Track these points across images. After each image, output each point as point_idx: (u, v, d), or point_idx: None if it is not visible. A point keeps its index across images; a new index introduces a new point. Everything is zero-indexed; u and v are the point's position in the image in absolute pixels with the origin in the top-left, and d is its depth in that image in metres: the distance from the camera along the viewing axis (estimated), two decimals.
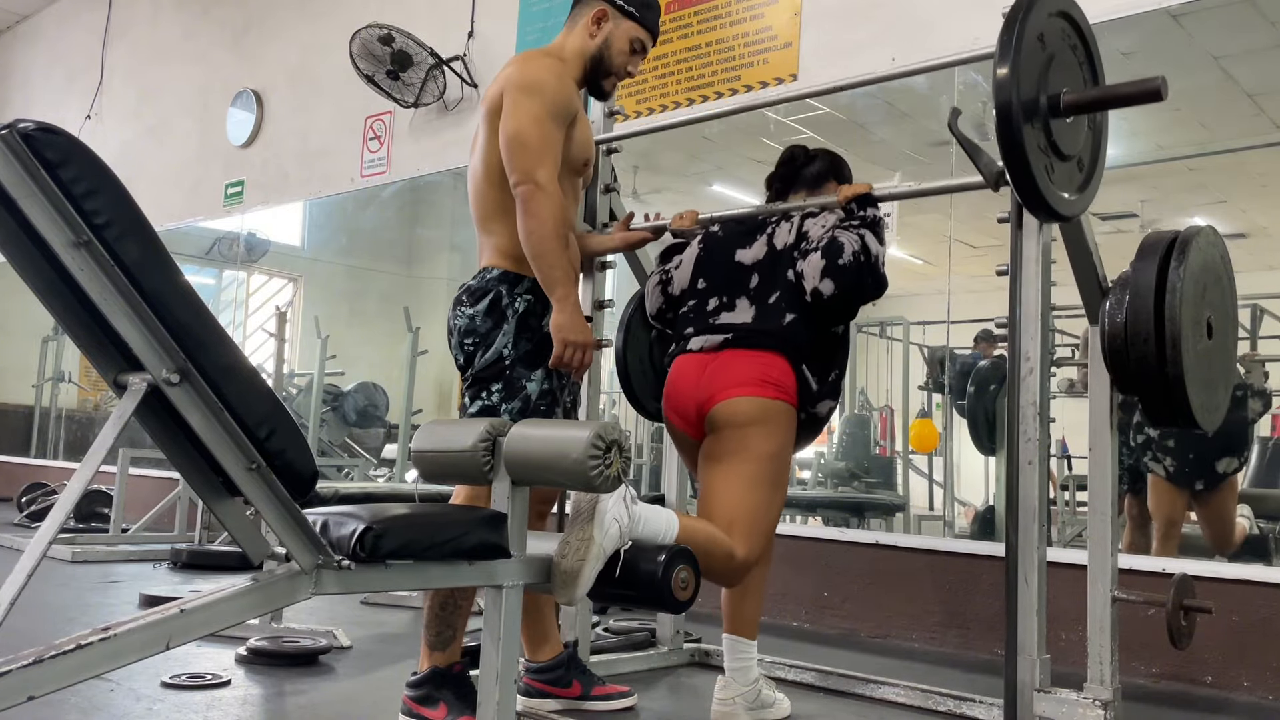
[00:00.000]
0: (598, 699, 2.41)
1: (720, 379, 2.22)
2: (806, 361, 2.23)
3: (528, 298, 2.23)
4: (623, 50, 2.36)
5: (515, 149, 2.15)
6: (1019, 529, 2.06)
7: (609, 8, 2.35)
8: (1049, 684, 2.05)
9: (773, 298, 2.27)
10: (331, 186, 6.19)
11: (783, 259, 2.30)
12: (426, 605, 2.18)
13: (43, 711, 2.10)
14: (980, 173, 2.10)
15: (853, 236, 2.20)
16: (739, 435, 2.17)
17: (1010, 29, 1.86)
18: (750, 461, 2.17)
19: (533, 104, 2.17)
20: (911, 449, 5.14)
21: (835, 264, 2.18)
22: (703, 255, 2.45)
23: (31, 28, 9.12)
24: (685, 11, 4.43)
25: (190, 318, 1.39)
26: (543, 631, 2.44)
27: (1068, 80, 1.97)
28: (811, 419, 2.27)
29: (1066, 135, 1.98)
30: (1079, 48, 2.04)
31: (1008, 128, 1.84)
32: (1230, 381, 2.25)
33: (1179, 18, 3.31)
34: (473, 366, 2.23)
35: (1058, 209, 1.98)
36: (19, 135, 1.26)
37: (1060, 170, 1.98)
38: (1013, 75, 1.83)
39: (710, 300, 2.37)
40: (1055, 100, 1.93)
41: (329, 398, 6.24)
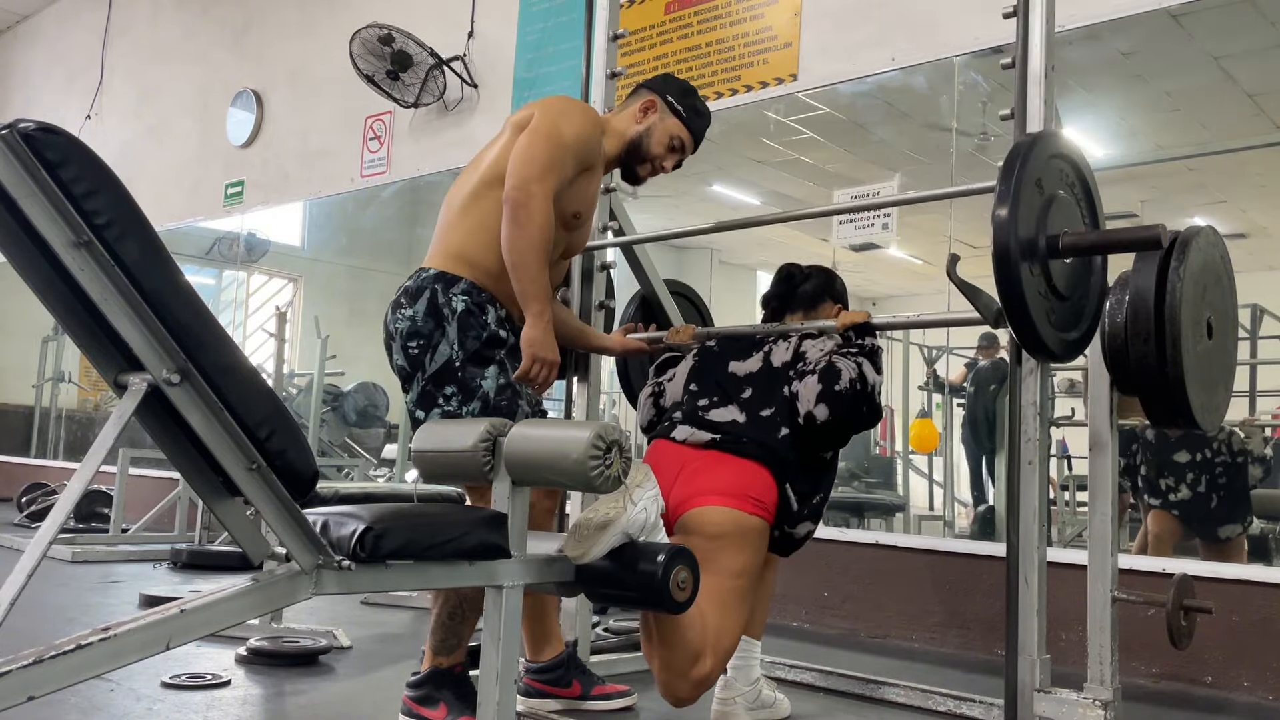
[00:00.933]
0: (597, 699, 2.42)
1: (698, 481, 2.14)
2: (791, 480, 2.16)
3: (463, 298, 2.18)
4: (661, 143, 2.41)
5: (523, 157, 2.14)
6: (1019, 529, 2.06)
7: (660, 101, 2.42)
8: (1049, 684, 2.05)
9: (766, 411, 2.21)
10: (331, 186, 6.19)
11: (779, 376, 2.26)
12: (434, 612, 2.17)
13: (43, 711, 2.10)
14: (979, 313, 2.09)
15: (850, 364, 2.17)
16: (710, 548, 2.06)
17: (1009, 174, 1.85)
18: (719, 576, 2.04)
19: (557, 126, 2.19)
20: (911, 449, 5.14)
21: (831, 390, 2.14)
22: (696, 366, 2.42)
23: (31, 28, 9.12)
24: (685, 11, 4.43)
25: (190, 318, 1.39)
26: (545, 631, 2.43)
27: (1067, 220, 1.97)
28: (786, 538, 2.20)
29: (1065, 276, 1.97)
30: (1077, 186, 2.04)
31: (1006, 271, 1.83)
32: (1230, 382, 2.24)
33: (1179, 18, 3.32)
34: (423, 370, 2.17)
35: (1058, 351, 1.97)
36: (19, 135, 1.26)
37: (1060, 311, 1.97)
38: (1011, 219, 1.82)
39: (700, 400, 2.31)
40: (1054, 242, 1.92)
41: (329, 398, 6.24)
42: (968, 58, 3.69)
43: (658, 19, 4.53)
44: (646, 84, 2.49)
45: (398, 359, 2.22)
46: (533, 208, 2.12)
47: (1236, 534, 3.55)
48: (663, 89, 2.45)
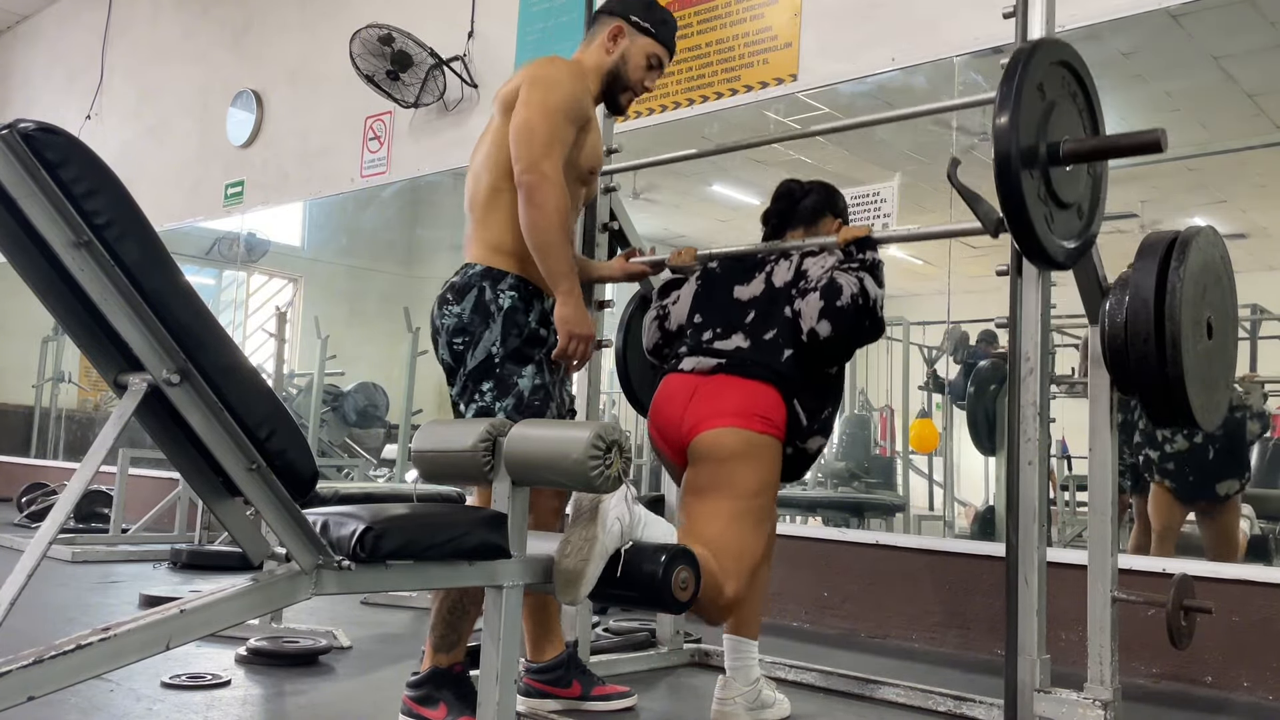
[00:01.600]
0: (597, 699, 2.41)
1: (707, 406, 2.18)
2: (799, 396, 2.19)
3: (511, 294, 2.20)
4: (639, 65, 2.38)
5: (523, 138, 2.14)
6: (1019, 529, 2.06)
7: (625, 24, 2.37)
8: (1049, 684, 2.05)
9: (769, 334, 2.24)
10: (331, 186, 6.19)
11: (780, 296, 2.28)
12: (434, 608, 2.17)
13: (43, 711, 2.10)
14: (980, 220, 2.09)
15: (852, 279, 2.18)
16: (723, 470, 2.12)
17: (1010, 78, 1.85)
18: (735, 498, 2.10)
19: (546, 97, 2.17)
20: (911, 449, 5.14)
21: (833, 305, 2.16)
22: (700, 291, 2.44)
23: (31, 28, 9.12)
24: (685, 11, 4.43)
25: (190, 318, 1.39)
26: (546, 632, 2.43)
27: (1067, 128, 1.97)
28: (800, 454, 2.24)
29: (1066, 183, 1.97)
30: (1079, 95, 2.04)
31: (1007, 176, 1.83)
32: (1230, 381, 2.24)
33: (1179, 18, 3.31)
34: (464, 365, 2.20)
35: (1057, 258, 1.97)
36: (19, 135, 1.26)
37: (1060, 218, 1.97)
38: (1012, 124, 1.82)
39: (705, 331, 2.34)
40: (1055, 149, 1.92)
41: (329, 398, 6.24)
42: (968, 58, 3.69)
43: None
44: (604, 9, 2.42)
45: (443, 354, 2.24)
46: (546, 189, 2.11)
47: (1234, 490, 3.53)
48: (623, 10, 2.39)
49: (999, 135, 1.83)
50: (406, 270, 7.08)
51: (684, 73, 4.36)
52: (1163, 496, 3.62)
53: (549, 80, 2.21)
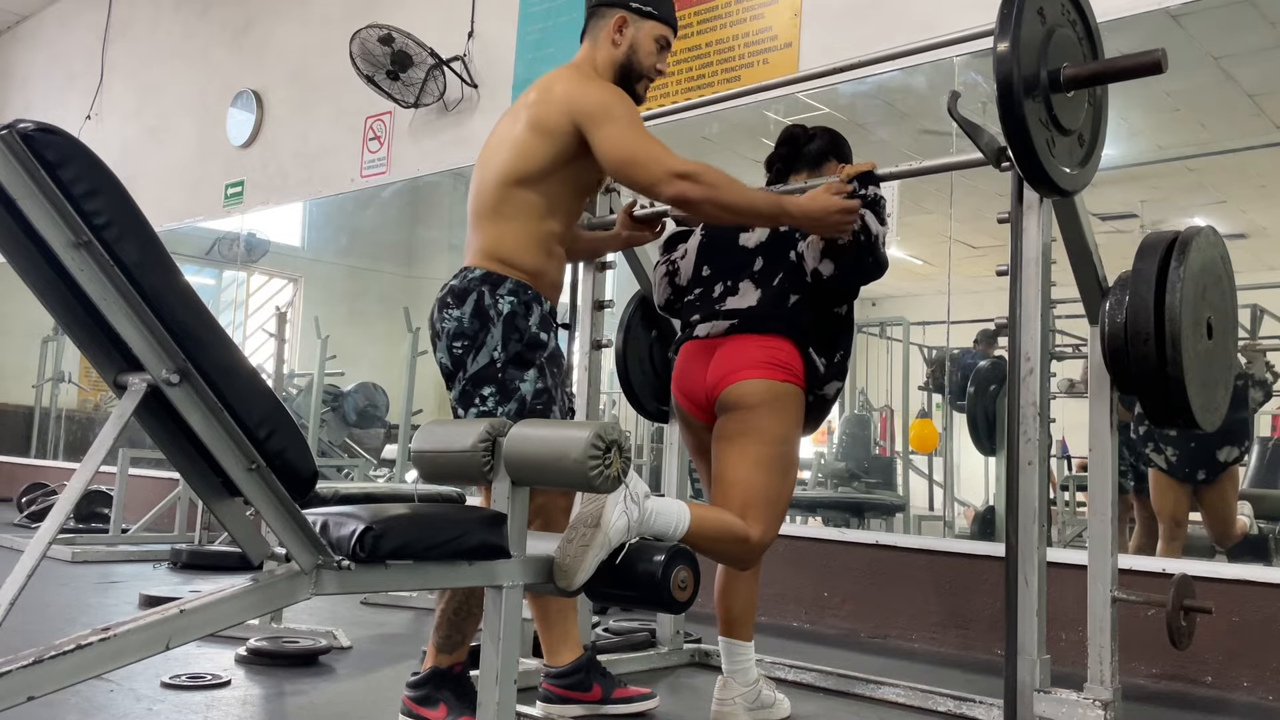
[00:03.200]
0: (619, 702, 2.39)
1: (729, 362, 2.23)
2: (813, 344, 2.23)
3: (510, 299, 2.18)
4: (650, 51, 2.35)
5: (634, 170, 2.10)
6: (1019, 529, 2.06)
7: (626, 13, 2.34)
8: (1049, 684, 2.05)
9: (776, 279, 2.28)
10: (331, 187, 6.19)
11: (785, 240, 2.31)
12: (439, 609, 2.16)
13: (43, 711, 2.10)
14: (981, 151, 2.09)
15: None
16: (749, 416, 2.18)
17: (1010, 2, 1.86)
18: (762, 444, 2.17)
19: (617, 123, 2.14)
20: (911, 449, 5.14)
21: (835, 244, 2.20)
22: (705, 241, 2.45)
23: (31, 28, 9.12)
24: (685, 12, 4.43)
25: (190, 318, 1.39)
26: (563, 635, 2.40)
27: (1068, 55, 1.98)
28: (819, 400, 2.28)
29: (1067, 110, 1.98)
30: (1078, 23, 2.04)
31: (1009, 101, 1.83)
32: (1230, 381, 2.24)
33: (1179, 18, 3.31)
34: (464, 370, 2.18)
35: (1059, 183, 1.98)
36: (19, 135, 1.26)
37: (1061, 145, 1.98)
38: (1013, 49, 1.83)
39: (715, 286, 2.37)
40: (1055, 75, 1.93)
41: (329, 398, 6.24)
42: (968, 58, 3.69)
43: None
44: (602, 1, 2.36)
45: (442, 357, 2.23)
46: (692, 182, 2.06)
47: (1233, 457, 3.52)
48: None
49: (1000, 60, 1.83)
50: (406, 270, 7.08)
51: (684, 73, 4.37)
52: (1163, 481, 3.61)
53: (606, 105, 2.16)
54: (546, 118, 2.19)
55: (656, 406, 3.04)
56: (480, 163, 2.31)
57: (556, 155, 2.18)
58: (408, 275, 7.07)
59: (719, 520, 2.09)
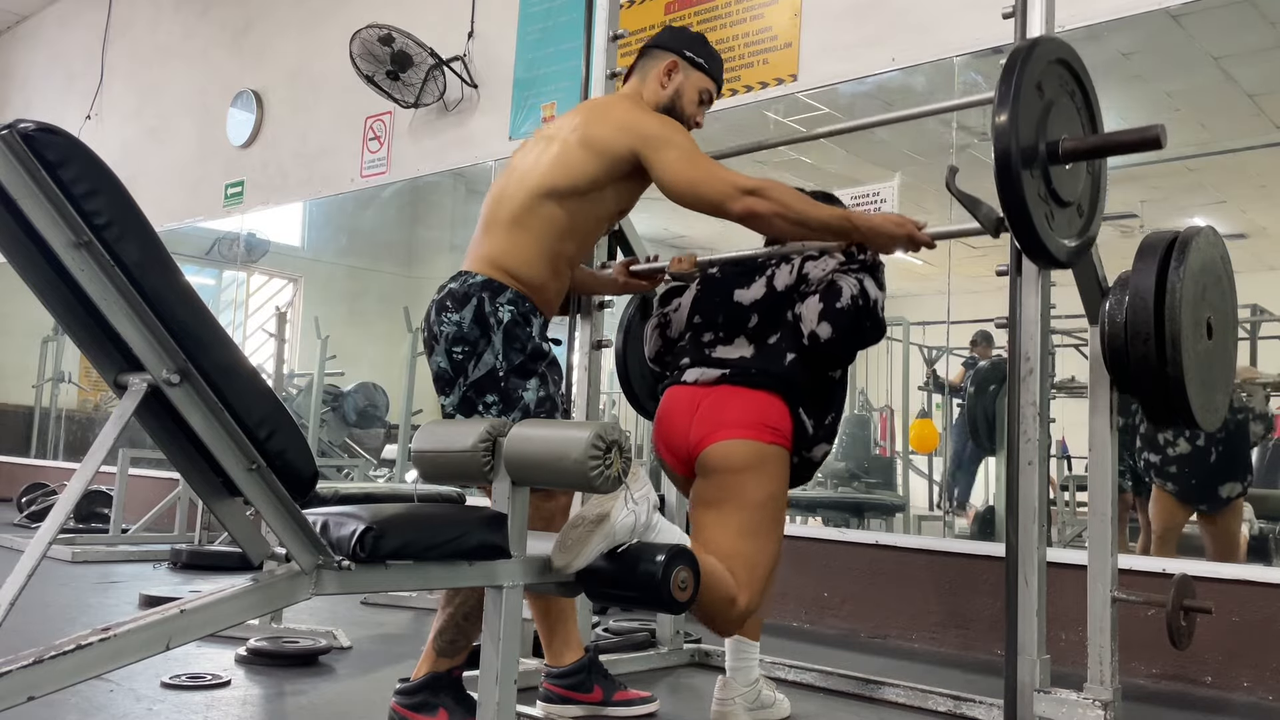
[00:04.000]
0: (619, 704, 2.39)
1: (714, 418, 2.16)
2: (804, 404, 2.18)
3: (509, 308, 2.16)
4: (693, 100, 2.39)
5: (701, 189, 2.11)
6: (1019, 529, 2.06)
7: (679, 59, 2.38)
8: (1049, 684, 2.05)
9: (773, 338, 2.23)
10: (331, 187, 6.19)
11: (783, 300, 2.27)
12: (447, 612, 2.14)
13: (43, 712, 2.10)
14: (979, 223, 2.09)
15: (852, 280, 2.18)
16: (733, 481, 2.10)
17: (1009, 76, 1.85)
18: (745, 509, 2.09)
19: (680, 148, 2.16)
20: (911, 449, 5.14)
21: (833, 307, 2.15)
22: (700, 294, 2.42)
23: (31, 28, 9.12)
24: (685, 12, 4.43)
25: (190, 318, 1.39)
26: (565, 636, 2.40)
27: (1066, 127, 1.97)
28: (805, 463, 2.23)
29: (1066, 182, 1.97)
30: (1077, 94, 2.04)
31: (1007, 175, 1.83)
32: (1230, 382, 2.24)
33: (1179, 18, 3.31)
34: (465, 376, 2.16)
35: (1058, 256, 1.97)
36: (19, 135, 1.26)
37: (1060, 217, 1.97)
38: (1011, 123, 1.82)
39: (705, 334, 2.33)
40: (1054, 147, 1.92)
41: (329, 398, 6.24)
42: (968, 58, 3.69)
43: (658, 19, 4.53)
44: (657, 44, 2.42)
45: (440, 361, 2.20)
46: (758, 198, 2.07)
47: (1237, 493, 3.52)
48: (678, 45, 2.39)
49: (999, 134, 1.82)
50: (406, 270, 7.08)
51: None
52: (1164, 499, 3.62)
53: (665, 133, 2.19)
54: (600, 137, 2.21)
55: (655, 407, 3.04)
56: (505, 172, 2.30)
57: (600, 175, 2.20)
58: (408, 275, 7.07)
59: (717, 571, 1.99)
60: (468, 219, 5.95)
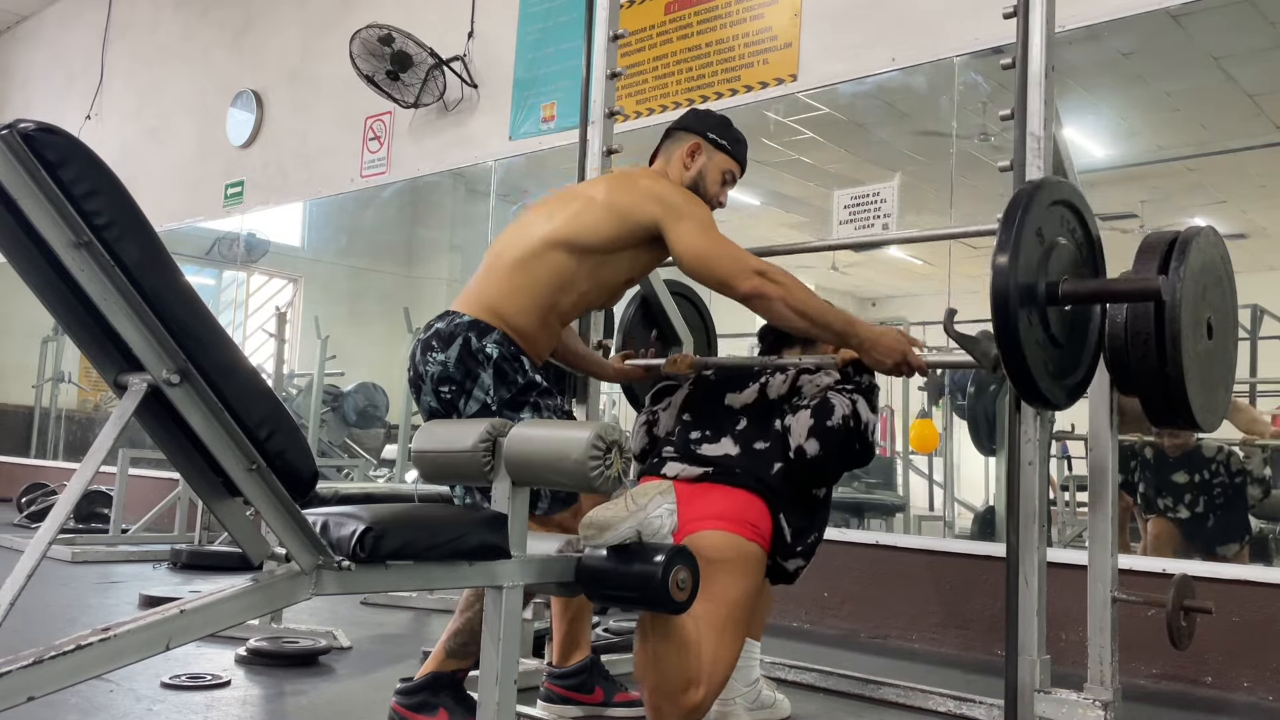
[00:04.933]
0: (620, 705, 2.39)
1: (695, 508, 2.12)
2: (785, 512, 2.15)
3: (496, 345, 2.14)
4: (715, 181, 2.40)
5: (712, 263, 2.13)
6: (1019, 529, 2.06)
7: (703, 141, 2.40)
8: (1049, 684, 2.05)
9: (760, 444, 2.20)
10: (331, 187, 6.19)
11: (774, 408, 2.26)
12: (465, 617, 2.13)
13: (43, 712, 2.10)
14: (977, 361, 2.09)
15: (845, 400, 2.17)
16: (709, 572, 1.99)
17: (1010, 224, 1.84)
18: (716, 603, 2.01)
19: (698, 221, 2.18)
20: (911, 449, 5.14)
21: (823, 425, 2.14)
22: (691, 395, 2.41)
23: (31, 28, 9.12)
24: (685, 12, 4.43)
25: (190, 318, 1.39)
26: (576, 635, 2.40)
27: (1066, 268, 1.96)
28: (778, 570, 2.18)
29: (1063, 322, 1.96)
30: (1078, 231, 2.04)
31: (1004, 320, 1.82)
32: (1231, 382, 2.24)
33: (1179, 18, 3.31)
34: (457, 414, 2.16)
35: (1055, 400, 1.96)
36: (19, 135, 1.26)
37: (1058, 359, 1.97)
38: (1010, 267, 1.81)
39: (692, 431, 2.31)
40: (1054, 289, 1.92)
41: (329, 398, 6.24)
42: (968, 58, 3.69)
43: (658, 19, 4.53)
44: (682, 126, 2.44)
45: (428, 400, 2.20)
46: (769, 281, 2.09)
47: (1234, 553, 3.56)
48: (701, 128, 2.42)
49: (997, 274, 1.81)
50: (406, 270, 7.08)
51: (684, 73, 4.37)
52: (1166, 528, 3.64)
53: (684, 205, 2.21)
54: (623, 201, 2.22)
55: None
56: (517, 224, 2.30)
57: (617, 237, 2.21)
58: (408, 275, 7.07)
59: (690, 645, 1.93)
60: (468, 219, 5.95)
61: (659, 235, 2.20)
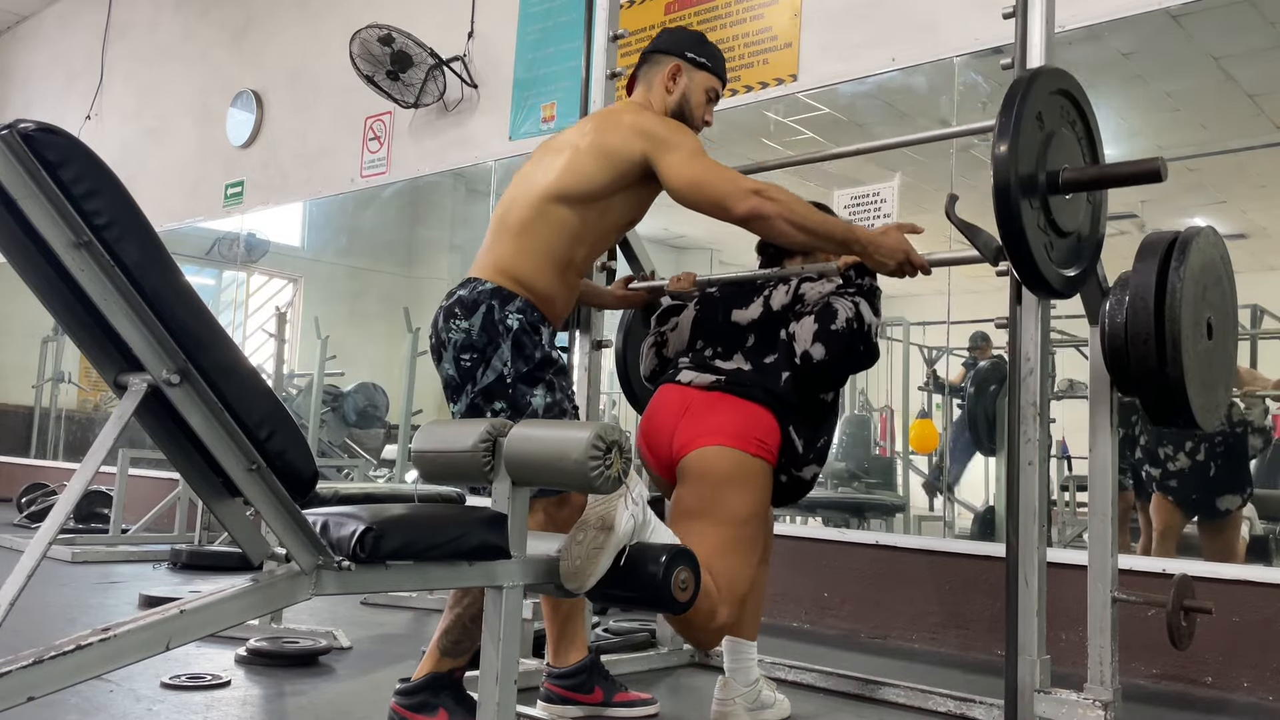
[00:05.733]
0: (620, 705, 2.39)
1: (700, 423, 2.16)
2: (794, 423, 2.18)
3: (518, 316, 2.16)
4: (700, 101, 2.39)
5: (707, 189, 2.12)
6: (1019, 529, 2.06)
7: (682, 62, 2.38)
8: (1049, 684, 2.05)
9: (768, 358, 2.23)
10: (331, 187, 6.19)
11: (777, 320, 2.28)
12: (455, 612, 2.13)
13: (43, 712, 2.10)
14: (979, 251, 2.09)
15: (847, 303, 2.18)
16: (714, 494, 2.09)
17: (1009, 108, 1.85)
18: (725, 524, 2.07)
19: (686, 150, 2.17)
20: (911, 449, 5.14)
21: (827, 329, 2.16)
22: (699, 316, 2.42)
23: (31, 28, 9.12)
24: (685, 12, 4.43)
25: (190, 318, 1.39)
26: (572, 635, 2.40)
27: (1066, 157, 1.96)
28: (795, 482, 2.22)
29: (1066, 211, 1.97)
30: (1078, 123, 2.04)
31: (1006, 207, 1.83)
32: (1231, 382, 2.25)
33: (1179, 18, 3.31)
34: (473, 383, 2.16)
35: (1057, 286, 1.98)
36: (19, 135, 1.26)
37: (1060, 247, 1.97)
38: (1011, 154, 1.82)
39: (706, 350, 2.34)
40: (1054, 178, 1.92)
41: (329, 398, 6.24)
42: (968, 58, 3.69)
43: (658, 19, 4.53)
44: (658, 49, 2.42)
45: (448, 368, 2.20)
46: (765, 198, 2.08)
47: (1236, 505, 3.53)
48: (679, 48, 2.40)
49: (998, 163, 1.82)
50: (406, 270, 7.08)
51: None
52: (1164, 504, 3.64)
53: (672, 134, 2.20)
54: (610, 142, 2.21)
55: None
56: (516, 179, 2.30)
57: (611, 181, 2.20)
58: (408, 275, 7.07)
59: (705, 582, 1.95)
60: (468, 219, 5.95)
61: (652, 171, 2.19)
